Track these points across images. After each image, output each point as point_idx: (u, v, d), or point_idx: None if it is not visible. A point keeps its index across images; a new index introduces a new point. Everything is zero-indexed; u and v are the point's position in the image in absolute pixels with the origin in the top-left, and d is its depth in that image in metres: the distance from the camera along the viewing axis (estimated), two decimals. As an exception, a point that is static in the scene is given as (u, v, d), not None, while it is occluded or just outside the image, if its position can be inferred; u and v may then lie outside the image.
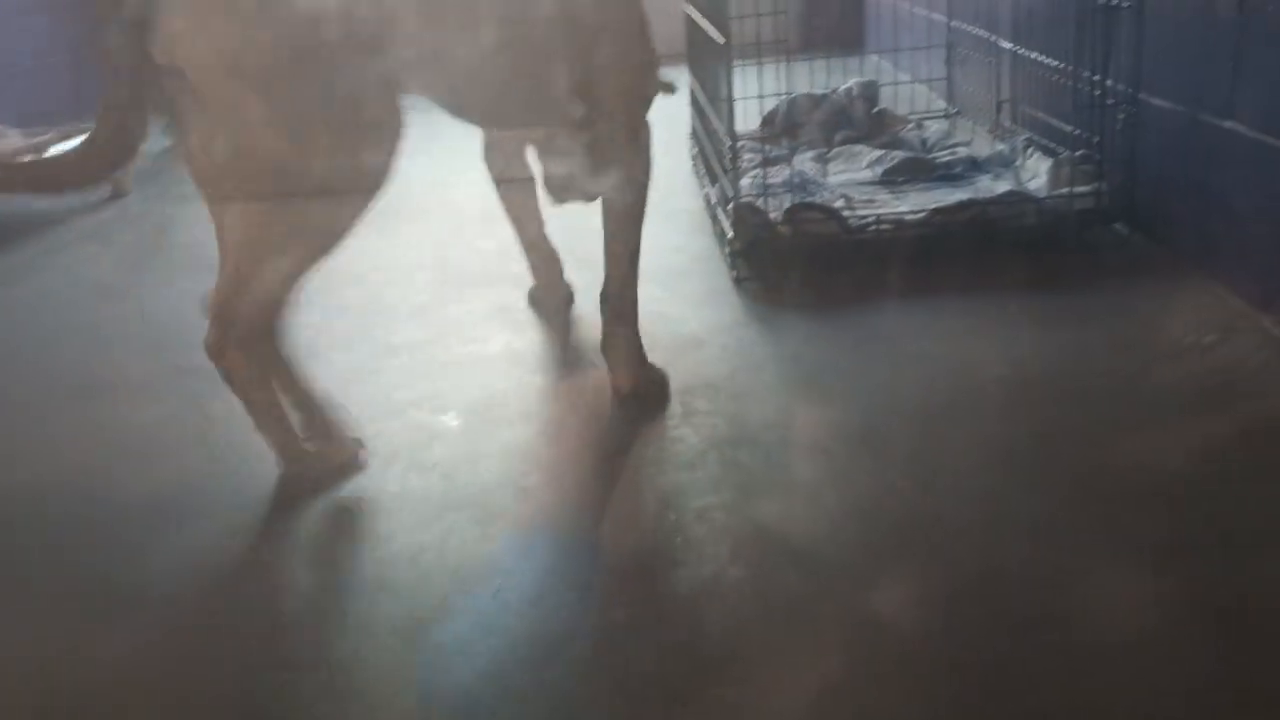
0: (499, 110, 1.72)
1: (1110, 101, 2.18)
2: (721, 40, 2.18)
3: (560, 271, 2.15)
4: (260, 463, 1.62)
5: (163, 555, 1.41)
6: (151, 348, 2.11)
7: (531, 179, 2.05)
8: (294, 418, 1.56)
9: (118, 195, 3.25)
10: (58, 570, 1.40)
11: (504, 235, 2.16)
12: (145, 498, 1.56)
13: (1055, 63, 2.41)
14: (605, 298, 1.75)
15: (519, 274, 2.18)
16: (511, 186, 2.14)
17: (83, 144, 1.43)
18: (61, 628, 1.29)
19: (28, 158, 2.93)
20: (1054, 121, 2.45)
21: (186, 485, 1.58)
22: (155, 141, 4.10)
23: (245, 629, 1.26)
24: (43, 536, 1.49)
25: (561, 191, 1.85)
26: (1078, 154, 2.25)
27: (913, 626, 1.18)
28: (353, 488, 1.53)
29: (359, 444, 1.59)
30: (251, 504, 1.51)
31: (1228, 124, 1.88)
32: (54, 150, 3.01)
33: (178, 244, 2.78)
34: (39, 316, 2.35)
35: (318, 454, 1.56)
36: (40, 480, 1.64)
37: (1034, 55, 2.54)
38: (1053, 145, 2.44)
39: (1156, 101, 2.12)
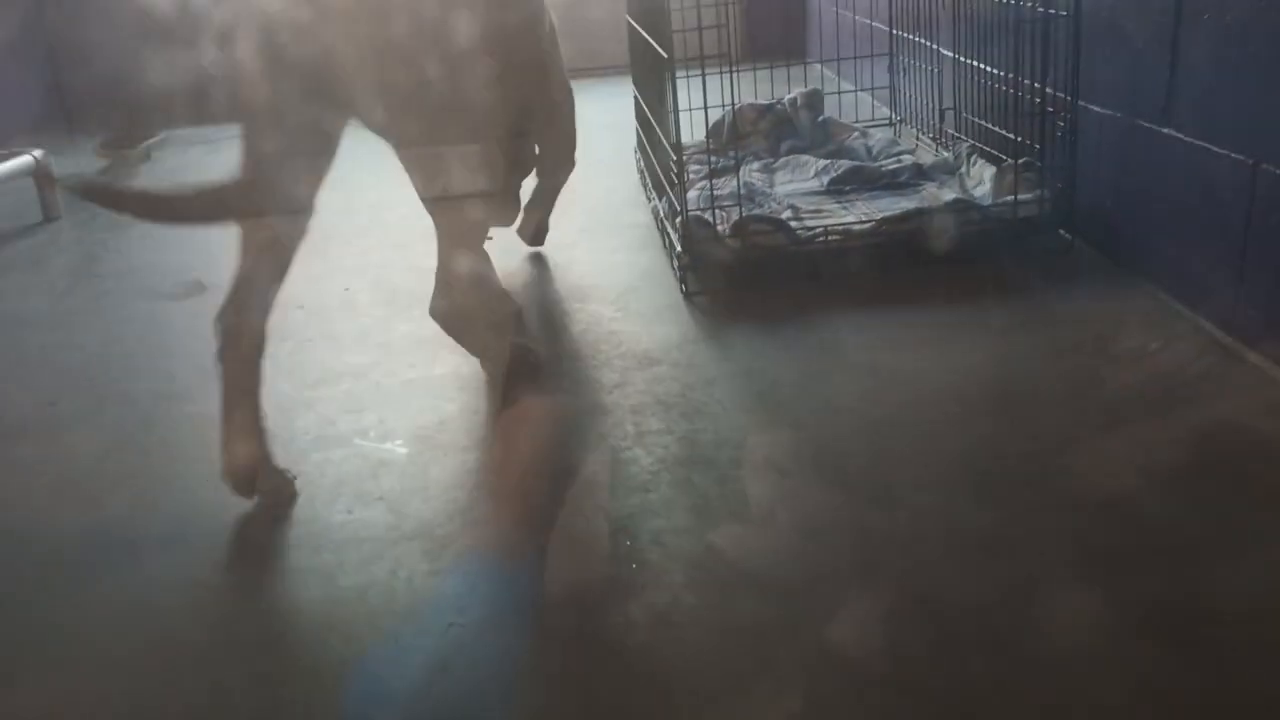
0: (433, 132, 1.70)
1: (1050, 109, 2.19)
2: (664, 54, 2.16)
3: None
4: (200, 497, 1.57)
5: (102, 596, 1.35)
6: (85, 379, 2.04)
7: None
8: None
9: (48, 219, 3.16)
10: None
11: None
12: (82, 536, 1.50)
13: (996, 70, 2.43)
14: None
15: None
16: None
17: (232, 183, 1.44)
18: (-10, 681, 1.23)
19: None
20: (996, 129, 2.46)
21: (124, 522, 1.52)
22: (85, 162, 4.03)
23: (184, 674, 1.21)
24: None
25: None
26: (1020, 161, 2.26)
27: (869, 649, 1.16)
28: (297, 521, 1.48)
29: (288, 477, 1.56)
30: (192, 541, 1.46)
31: (1165, 130, 1.90)
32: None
33: (111, 271, 2.71)
34: (-34, 349, 2.27)
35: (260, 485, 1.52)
36: (-32, 523, 1.57)
37: (975, 63, 2.56)
38: (996, 153, 2.46)
39: (1095, 108, 2.14)
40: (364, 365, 1.98)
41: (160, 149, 4.10)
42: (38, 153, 3.16)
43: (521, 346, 1.74)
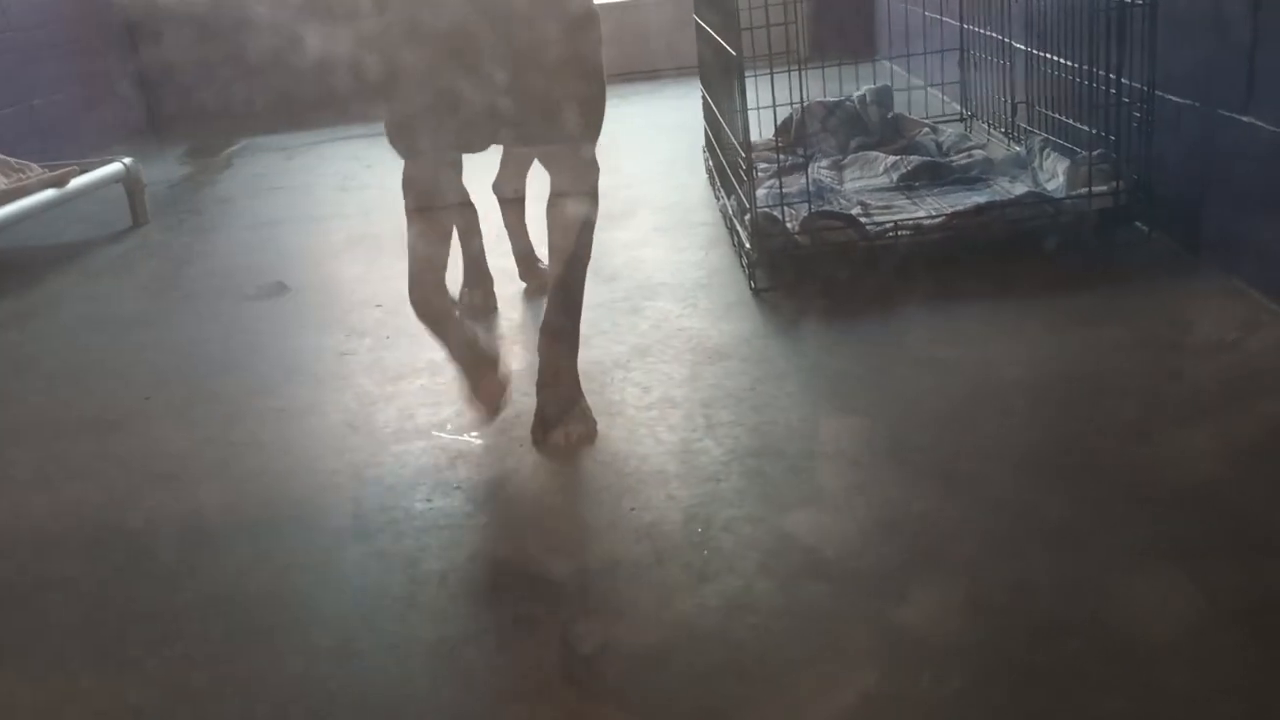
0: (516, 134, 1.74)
1: (1126, 99, 2.16)
2: (733, 52, 2.18)
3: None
4: (286, 487, 1.63)
5: (194, 583, 1.42)
6: (175, 376, 2.12)
7: (523, 199, 2.33)
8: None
9: (137, 225, 3.29)
10: (84, 602, 1.41)
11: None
12: (176, 525, 1.57)
13: (1069, 62, 2.40)
14: (549, 327, 1.70)
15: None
16: (511, 206, 2.35)
17: None
18: (97, 657, 1.29)
19: (50, 190, 2.96)
20: (1070, 122, 2.43)
21: (216, 511, 1.59)
22: (171, 170, 4.20)
23: (273, 657, 1.26)
24: (74, 566, 1.50)
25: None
26: (1095, 153, 2.23)
27: (945, 636, 1.17)
28: (380, 508, 1.53)
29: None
30: (280, 528, 1.52)
31: (1245, 118, 1.86)
32: (75, 183, 3.06)
33: (197, 273, 2.81)
34: (68, 347, 2.37)
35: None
36: (72, 509, 1.65)
37: (1048, 55, 2.53)
38: (1069, 145, 2.43)
39: (1172, 98, 2.11)
40: (440, 361, 2.02)
41: (240, 156, 4.23)
42: (128, 160, 3.29)
43: (589, 414, 1.73)
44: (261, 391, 1.98)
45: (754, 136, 2.32)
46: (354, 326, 2.25)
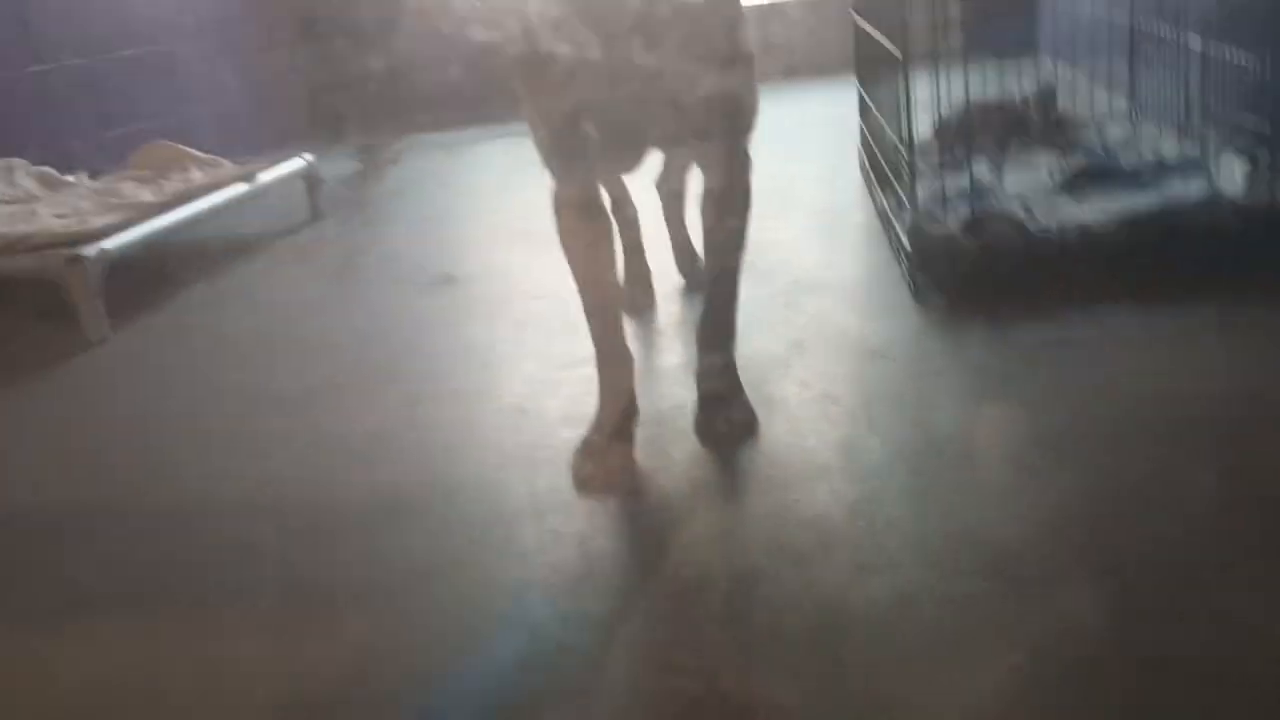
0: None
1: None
2: (898, 52, 2.19)
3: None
4: (462, 465, 1.73)
5: (381, 552, 1.52)
6: (357, 358, 2.27)
7: (682, 195, 2.37)
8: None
9: (315, 218, 3.50)
10: (278, 570, 1.52)
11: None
12: (363, 498, 1.68)
13: (1249, 58, 2.31)
14: (707, 320, 1.74)
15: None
16: (671, 202, 2.40)
17: None
18: (289, 625, 1.40)
19: (241, 185, 3.18)
20: (1248, 121, 2.34)
21: (398, 487, 1.70)
22: (344, 166, 4.40)
23: (464, 620, 1.35)
24: (267, 533, 1.63)
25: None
26: (1277, 155, 2.15)
27: (1109, 643, 1.16)
28: (551, 490, 1.61)
29: None
30: (461, 505, 1.62)
31: None
32: (261, 178, 3.27)
33: (371, 263, 2.97)
34: (258, 329, 2.56)
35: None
36: (267, 480, 1.79)
37: (1226, 52, 2.44)
38: (1247, 146, 2.33)
39: (1367, 97, 2.01)
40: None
41: (406, 154, 4.44)
42: (308, 157, 3.50)
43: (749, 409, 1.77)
44: (437, 375, 2.10)
45: (914, 135, 2.32)
46: (519, 317, 2.35)
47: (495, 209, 3.41)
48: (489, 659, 1.27)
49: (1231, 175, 2.29)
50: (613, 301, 1.73)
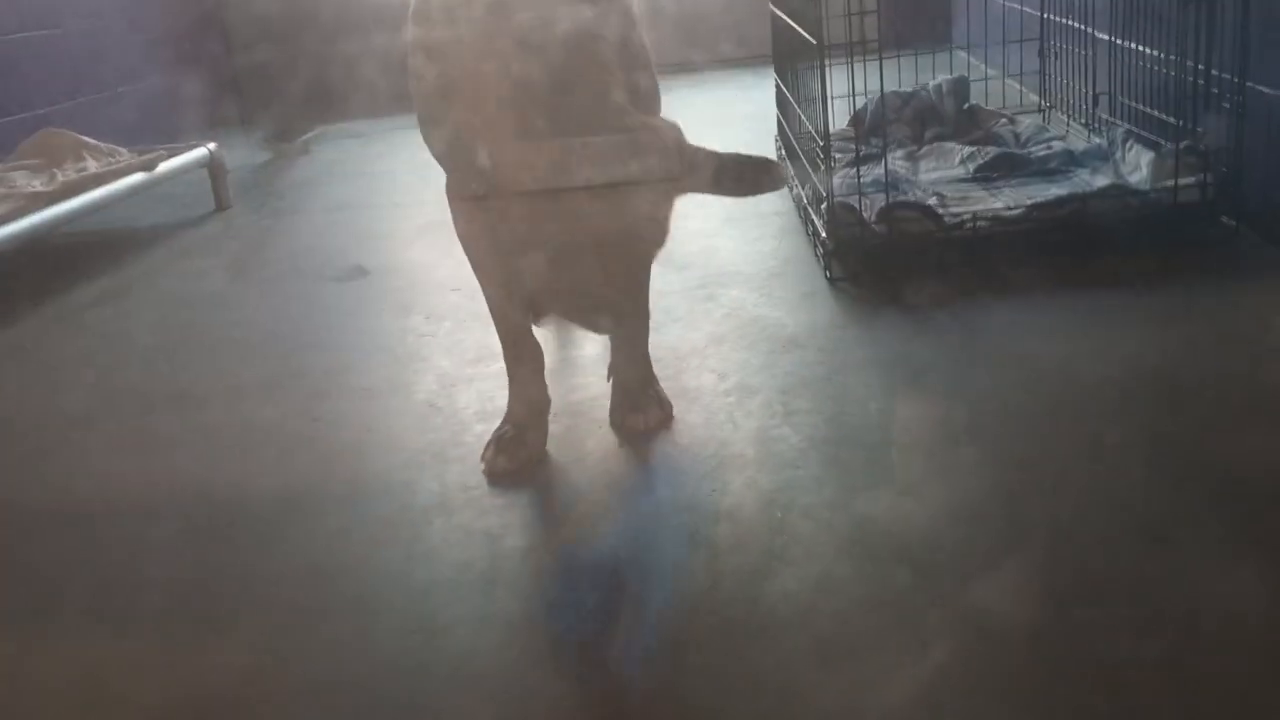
0: None
1: (1214, 91, 2.12)
2: (813, 41, 2.18)
3: None
4: (370, 462, 1.67)
5: (284, 552, 1.46)
6: (261, 354, 2.18)
7: None
8: None
9: (220, 208, 3.38)
10: (171, 572, 1.46)
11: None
12: (263, 498, 1.62)
13: (1155, 52, 2.35)
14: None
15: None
16: None
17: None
18: (190, 621, 1.34)
19: (139, 174, 3.06)
20: (1154, 113, 2.39)
21: (302, 485, 1.64)
22: (252, 155, 4.29)
23: (367, 621, 1.30)
24: (167, 533, 1.55)
25: None
26: (1181, 145, 2.19)
27: (1025, 627, 1.17)
28: (463, 487, 1.56)
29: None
30: (365, 502, 1.56)
31: (1344, 110, 1.82)
32: (162, 167, 3.15)
33: (279, 255, 2.88)
34: (157, 324, 2.45)
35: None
36: (165, 480, 1.71)
37: (1132, 45, 2.48)
38: (1153, 137, 2.38)
39: (1264, 89, 2.06)
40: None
41: (317, 143, 4.32)
42: (212, 145, 3.38)
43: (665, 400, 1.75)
44: (345, 370, 2.03)
45: (830, 126, 2.31)
46: (432, 310, 2.29)
47: (409, 200, 3.33)
48: (396, 656, 1.22)
49: (1138, 165, 2.34)
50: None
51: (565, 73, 1.45)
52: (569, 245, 1.45)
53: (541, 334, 1.69)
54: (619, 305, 1.62)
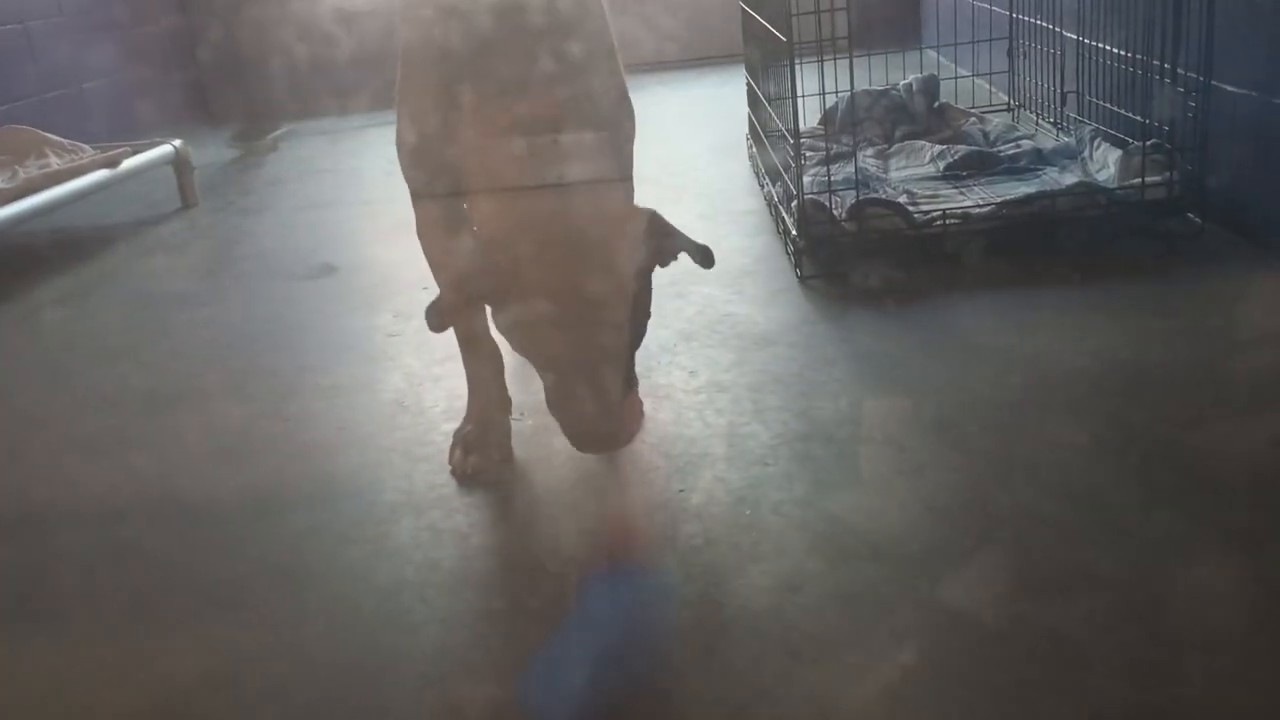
0: None
1: (1180, 89, 2.14)
2: (783, 38, 2.18)
3: None
4: (339, 460, 1.65)
5: (253, 553, 1.44)
6: (227, 352, 2.16)
7: None
8: None
9: (186, 206, 3.33)
10: (138, 573, 1.43)
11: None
12: (230, 498, 1.59)
13: (1122, 51, 2.37)
14: None
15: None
16: None
17: None
18: (159, 623, 1.32)
19: (103, 171, 3.01)
20: (1122, 111, 2.41)
21: (269, 486, 1.61)
22: (219, 153, 4.24)
23: (336, 620, 1.28)
24: (134, 535, 1.53)
25: None
26: (1148, 143, 2.21)
27: (996, 620, 1.17)
28: (431, 485, 1.55)
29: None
30: (332, 502, 1.54)
31: (1306, 108, 1.84)
32: (126, 164, 3.10)
33: (246, 253, 2.85)
34: (122, 324, 2.42)
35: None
36: (131, 481, 1.68)
37: (1099, 44, 2.50)
38: (1120, 136, 2.40)
39: (1228, 87, 2.08)
40: (488, 342, 2.04)
41: (286, 140, 4.28)
42: (177, 143, 3.34)
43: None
44: (313, 369, 2.01)
45: (801, 124, 2.31)
46: (401, 308, 2.27)
47: (377, 197, 3.30)
48: (366, 656, 1.21)
49: (1105, 163, 2.35)
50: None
51: (540, 71, 1.45)
52: (531, 245, 1.43)
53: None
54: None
